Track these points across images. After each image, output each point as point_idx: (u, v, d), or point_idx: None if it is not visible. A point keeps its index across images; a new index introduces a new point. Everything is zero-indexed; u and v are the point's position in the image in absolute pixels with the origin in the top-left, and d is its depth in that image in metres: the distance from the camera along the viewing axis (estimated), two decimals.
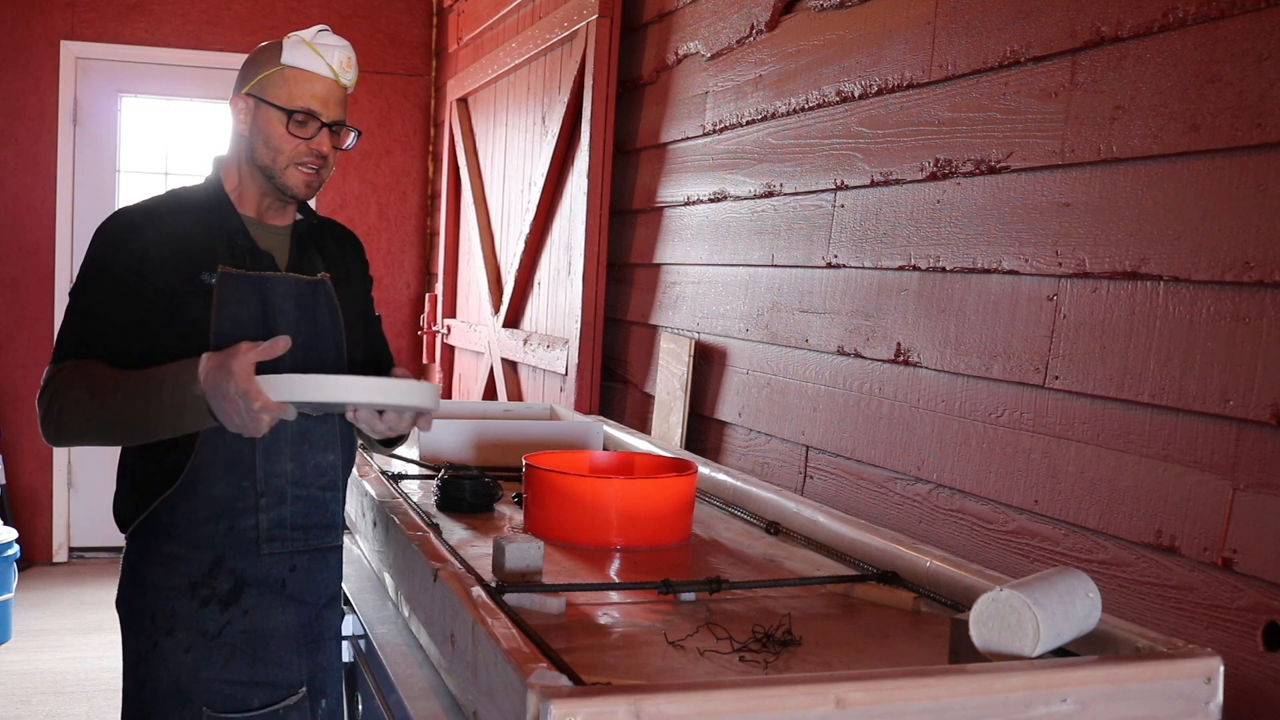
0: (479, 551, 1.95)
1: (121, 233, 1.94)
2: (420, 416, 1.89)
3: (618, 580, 1.87)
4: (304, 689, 2.03)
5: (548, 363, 3.91)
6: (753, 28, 2.85)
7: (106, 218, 1.98)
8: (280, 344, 1.77)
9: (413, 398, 1.83)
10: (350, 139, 2.05)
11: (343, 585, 2.18)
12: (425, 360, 6.04)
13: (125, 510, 2.02)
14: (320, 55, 1.98)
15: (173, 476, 1.95)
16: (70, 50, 5.88)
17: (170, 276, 1.91)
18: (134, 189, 5.99)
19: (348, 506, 2.50)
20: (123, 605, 2.04)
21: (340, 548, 2.13)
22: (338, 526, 2.10)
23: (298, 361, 1.95)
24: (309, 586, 2.05)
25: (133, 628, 2.01)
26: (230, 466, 1.96)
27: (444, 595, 1.62)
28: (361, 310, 2.17)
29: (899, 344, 2.25)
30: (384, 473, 2.50)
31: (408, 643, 1.93)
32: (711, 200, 3.05)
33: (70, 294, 1.96)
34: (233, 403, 1.71)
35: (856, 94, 2.42)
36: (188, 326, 1.90)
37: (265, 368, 1.83)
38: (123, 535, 2.04)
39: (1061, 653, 1.41)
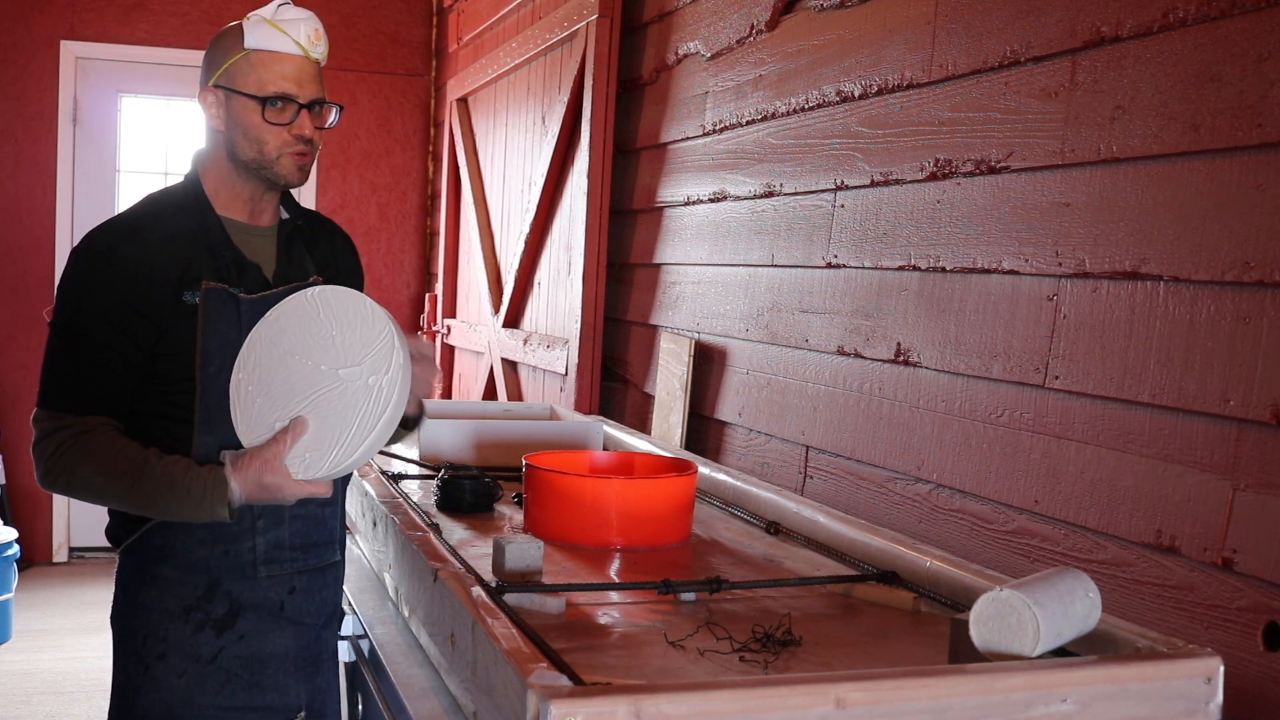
0: (479, 551, 1.95)
1: (100, 258, 1.83)
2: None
3: (618, 580, 1.86)
4: (302, 713, 1.98)
5: (548, 363, 3.91)
6: (753, 28, 2.85)
7: (81, 241, 1.86)
8: (300, 431, 1.72)
9: (401, 373, 1.73)
10: (332, 116, 1.93)
11: (342, 601, 2.13)
12: None
13: (117, 529, 1.95)
14: (285, 32, 1.83)
15: None
16: (70, 50, 5.88)
17: (154, 299, 1.81)
18: (134, 189, 5.99)
19: (348, 506, 2.50)
20: (115, 623, 1.97)
21: (340, 564, 2.07)
22: (337, 542, 2.05)
23: None
24: (308, 608, 1.99)
25: (124, 648, 1.94)
26: None
27: (444, 595, 1.62)
28: None
29: (899, 344, 2.25)
30: (384, 473, 2.50)
31: (408, 643, 1.93)
32: (711, 200, 3.05)
33: (52, 326, 1.85)
34: (295, 500, 1.76)
35: (856, 94, 2.42)
36: (176, 347, 1.83)
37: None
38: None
39: (1061, 653, 1.41)
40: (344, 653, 2.17)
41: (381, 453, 2.75)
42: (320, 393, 1.73)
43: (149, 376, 1.84)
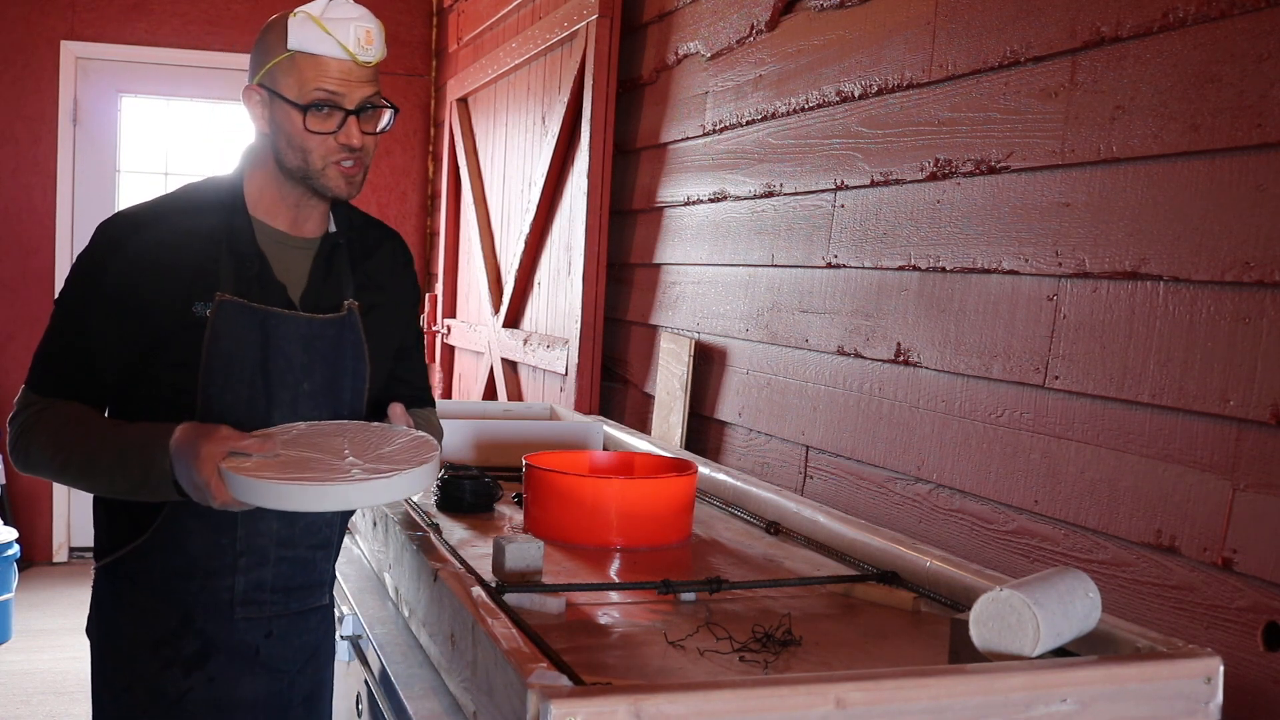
0: (479, 551, 1.95)
1: (109, 245, 1.70)
2: None
3: (618, 580, 1.86)
4: None
5: (548, 363, 3.91)
6: (753, 28, 2.85)
7: (107, 219, 1.75)
8: (265, 448, 1.57)
9: (394, 493, 1.57)
10: (386, 119, 1.75)
11: (334, 638, 2.03)
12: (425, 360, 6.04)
13: (99, 543, 1.86)
14: (331, 34, 1.65)
15: (145, 523, 1.77)
16: (70, 50, 5.88)
17: (157, 301, 1.68)
18: (134, 189, 5.99)
19: None
20: (91, 640, 1.87)
21: (327, 606, 1.95)
22: (326, 585, 1.93)
23: (302, 414, 1.76)
24: (284, 653, 1.86)
25: (95, 669, 1.86)
26: (209, 520, 1.74)
27: (444, 595, 1.62)
28: (395, 339, 1.93)
29: (899, 344, 2.25)
30: None
31: (408, 643, 1.93)
32: (711, 200, 3.05)
33: (56, 302, 1.74)
34: (195, 488, 1.56)
35: (856, 94, 2.42)
36: (174, 359, 1.70)
37: (270, 404, 1.71)
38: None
39: (1061, 653, 1.41)
40: (344, 652, 2.16)
41: None
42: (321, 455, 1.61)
43: (140, 380, 1.73)
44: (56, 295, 1.78)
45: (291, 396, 1.76)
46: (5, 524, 5.18)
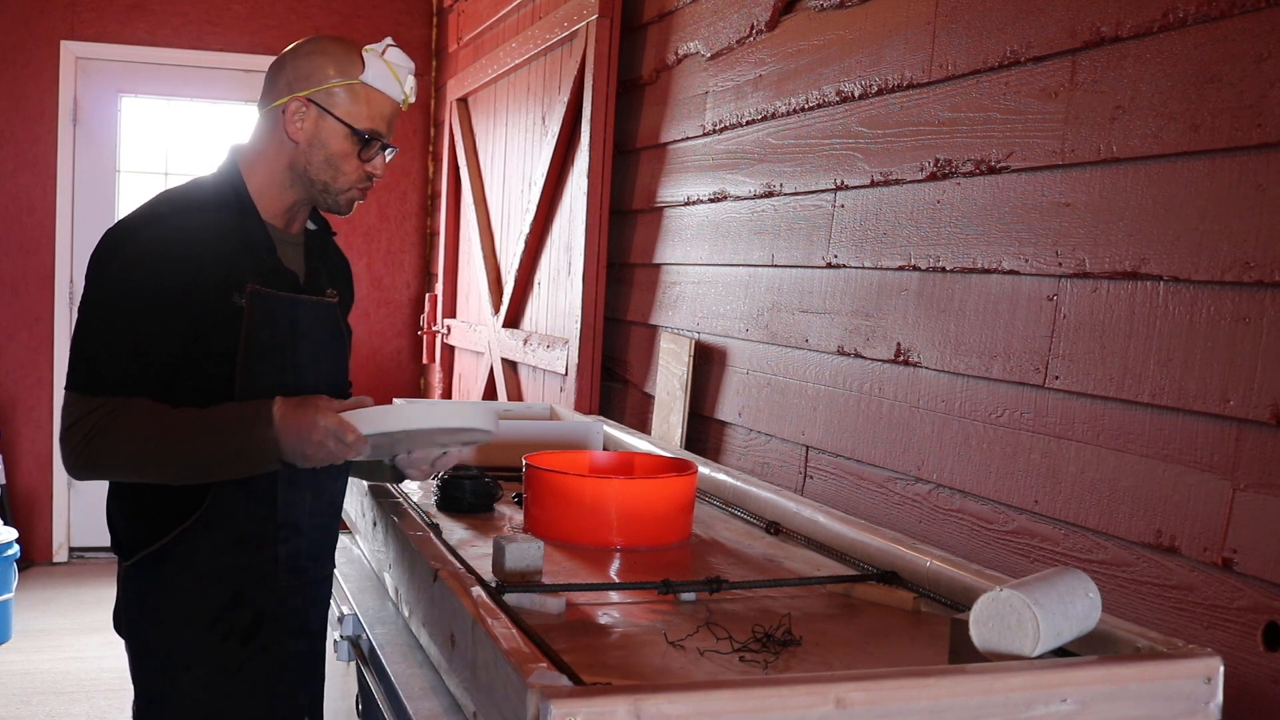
0: (479, 551, 1.95)
1: (138, 246, 1.77)
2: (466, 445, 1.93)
3: (618, 580, 1.86)
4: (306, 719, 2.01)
5: (548, 363, 3.91)
6: (753, 28, 2.85)
7: (116, 226, 1.81)
8: (365, 403, 1.77)
9: (483, 420, 1.82)
10: (390, 155, 1.97)
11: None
12: (425, 360, 6.05)
13: (130, 539, 1.88)
14: (398, 79, 1.90)
15: (192, 507, 1.84)
16: (70, 50, 5.88)
17: (196, 293, 1.77)
18: (134, 189, 5.99)
19: (347, 506, 2.50)
20: (131, 636, 1.92)
21: (333, 571, 2.11)
22: (333, 552, 2.08)
23: (322, 386, 1.90)
24: (315, 616, 2.02)
25: (144, 662, 1.90)
26: (251, 497, 1.86)
27: (444, 595, 1.62)
28: (348, 324, 2.12)
29: (899, 344, 2.25)
30: None
31: (408, 643, 1.93)
32: (711, 200, 3.05)
33: (82, 310, 1.79)
34: (322, 436, 1.71)
35: (856, 94, 2.42)
36: (215, 348, 1.79)
37: (300, 387, 1.84)
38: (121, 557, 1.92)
39: (1061, 653, 1.41)
40: (343, 653, 2.17)
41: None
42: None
43: (182, 371, 1.79)
44: (80, 301, 1.81)
45: (315, 377, 1.90)
46: (5, 524, 5.18)
